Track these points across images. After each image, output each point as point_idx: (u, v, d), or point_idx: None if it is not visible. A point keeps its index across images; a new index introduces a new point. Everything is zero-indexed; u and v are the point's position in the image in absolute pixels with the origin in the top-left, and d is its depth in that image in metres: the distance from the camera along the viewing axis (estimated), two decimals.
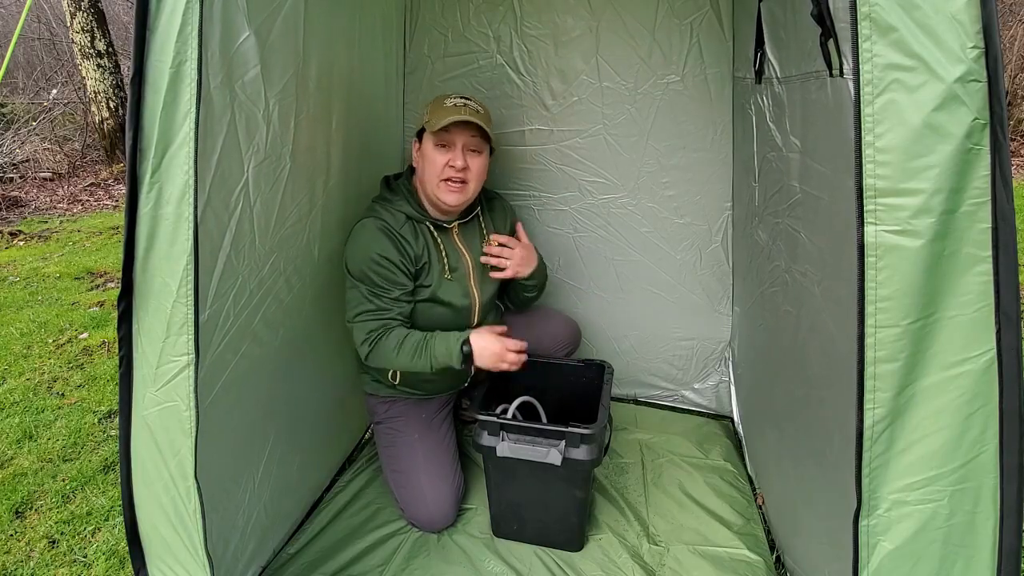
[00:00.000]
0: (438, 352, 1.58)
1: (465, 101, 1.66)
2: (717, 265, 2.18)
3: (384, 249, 1.60)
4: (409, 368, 1.61)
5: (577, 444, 1.52)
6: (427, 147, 1.65)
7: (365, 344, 1.61)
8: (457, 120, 1.58)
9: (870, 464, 0.99)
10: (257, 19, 1.21)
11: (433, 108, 1.67)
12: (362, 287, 1.61)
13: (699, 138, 2.08)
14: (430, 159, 1.65)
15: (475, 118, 1.60)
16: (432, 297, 1.69)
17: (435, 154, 1.64)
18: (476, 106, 1.67)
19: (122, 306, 1.13)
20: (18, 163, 6.63)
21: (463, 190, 1.66)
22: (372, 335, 1.61)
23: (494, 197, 1.93)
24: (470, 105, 1.65)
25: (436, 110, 1.65)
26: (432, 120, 1.63)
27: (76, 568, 1.68)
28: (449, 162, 1.63)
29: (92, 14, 6.49)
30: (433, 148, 1.64)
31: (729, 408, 2.25)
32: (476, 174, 1.67)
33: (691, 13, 2.00)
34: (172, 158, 1.06)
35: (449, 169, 1.63)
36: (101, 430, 2.32)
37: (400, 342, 1.60)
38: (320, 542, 1.69)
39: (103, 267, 4.21)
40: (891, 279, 0.92)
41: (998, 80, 0.83)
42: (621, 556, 1.65)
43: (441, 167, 1.63)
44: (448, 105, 1.64)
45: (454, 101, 1.65)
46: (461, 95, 1.69)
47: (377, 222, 1.64)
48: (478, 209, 1.82)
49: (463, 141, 1.64)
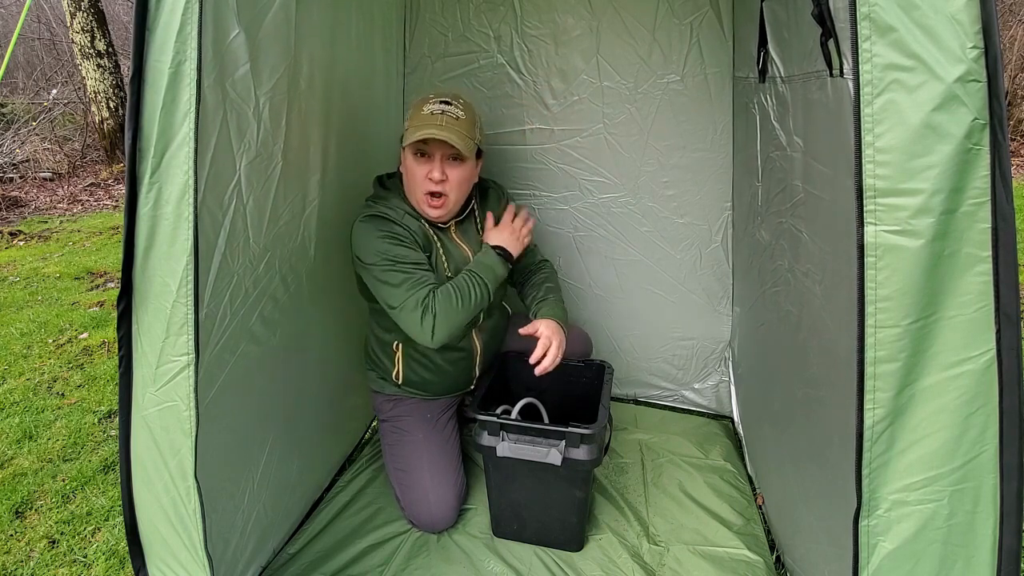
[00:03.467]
0: (484, 272, 1.61)
1: (444, 107, 1.56)
2: (717, 265, 2.18)
3: (393, 229, 1.58)
4: (475, 307, 1.58)
5: (577, 444, 1.52)
6: (407, 157, 1.59)
7: (426, 313, 1.51)
8: (428, 137, 1.52)
9: (870, 464, 0.99)
10: (246, 16, 1.21)
11: (413, 113, 1.59)
12: (390, 268, 1.54)
13: (699, 138, 2.08)
14: (410, 170, 1.59)
15: (450, 131, 1.52)
16: None
17: (414, 165, 1.58)
18: (457, 110, 1.57)
19: (122, 306, 1.13)
20: (18, 163, 6.64)
21: (444, 203, 1.61)
22: (427, 301, 1.52)
23: (489, 187, 1.86)
24: (449, 111, 1.55)
25: (415, 116, 1.57)
26: (410, 129, 1.56)
27: (76, 568, 1.68)
28: (428, 174, 1.57)
29: (92, 14, 6.49)
30: (412, 159, 1.58)
31: (729, 408, 2.25)
32: (456, 184, 1.60)
33: (691, 13, 2.00)
34: (171, 158, 1.06)
35: (428, 182, 1.57)
36: (101, 430, 2.32)
37: (452, 292, 1.55)
38: (320, 542, 1.69)
39: (103, 267, 4.21)
40: (891, 279, 0.92)
41: (998, 80, 0.83)
42: (621, 556, 1.65)
43: (420, 179, 1.58)
44: (425, 112, 1.55)
45: (432, 107, 1.56)
46: (442, 97, 1.59)
47: (377, 211, 1.61)
48: (472, 203, 1.79)
49: (442, 151, 1.57)
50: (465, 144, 1.55)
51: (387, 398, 1.84)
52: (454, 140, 1.52)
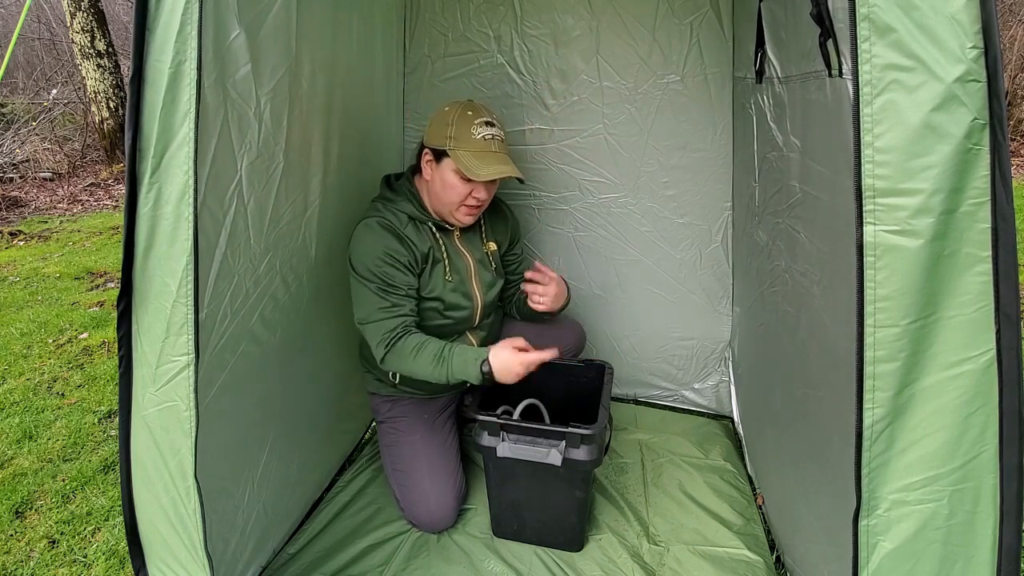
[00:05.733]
0: (456, 367, 1.53)
1: (493, 132, 1.59)
2: (717, 265, 2.18)
3: (391, 246, 1.59)
4: (425, 377, 1.57)
5: (577, 444, 1.52)
6: (446, 171, 1.59)
7: (381, 345, 1.57)
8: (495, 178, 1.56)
9: (870, 464, 0.99)
10: (247, 16, 1.21)
11: (459, 130, 1.56)
12: (372, 286, 1.57)
13: (699, 138, 2.08)
14: (450, 184, 1.59)
15: (509, 163, 1.59)
16: (434, 298, 1.68)
17: (457, 182, 1.59)
18: (500, 131, 1.61)
19: (122, 306, 1.13)
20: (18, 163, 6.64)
21: (478, 213, 1.69)
22: (389, 336, 1.56)
23: (496, 200, 1.89)
24: (498, 136, 1.59)
25: (465, 137, 1.56)
26: (459, 151, 1.55)
27: (76, 568, 1.68)
28: (473, 192, 1.60)
29: (92, 14, 6.50)
30: (454, 175, 1.58)
31: (729, 408, 2.25)
32: (492, 197, 1.69)
33: (691, 13, 2.00)
34: (171, 158, 1.06)
35: (472, 199, 1.62)
36: (101, 430, 2.32)
37: (418, 349, 1.55)
38: (320, 542, 1.69)
39: (103, 267, 4.21)
40: (890, 279, 0.92)
41: (998, 80, 0.83)
42: (621, 556, 1.65)
43: (463, 195, 1.60)
44: (477, 137, 1.56)
45: (483, 131, 1.57)
46: (485, 117, 1.59)
47: (381, 220, 1.62)
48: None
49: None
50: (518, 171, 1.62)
51: (384, 399, 1.85)
52: (513, 166, 1.60)
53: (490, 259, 1.82)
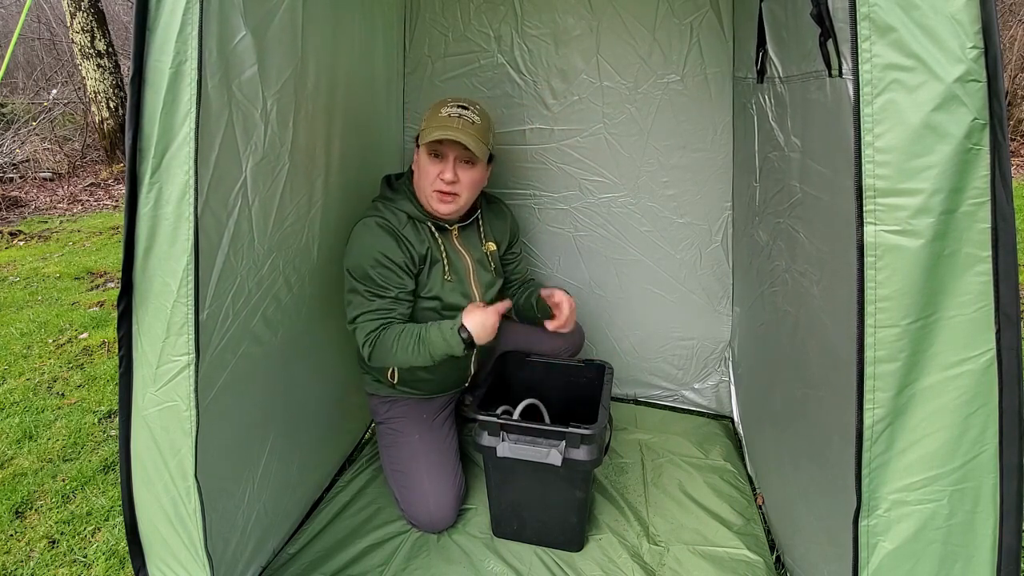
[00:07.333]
0: (435, 342, 1.56)
1: (461, 111, 1.61)
2: (717, 265, 2.18)
3: (387, 248, 1.59)
4: (410, 363, 1.59)
5: (577, 444, 1.52)
6: (422, 155, 1.63)
7: (366, 346, 1.59)
8: (444, 138, 1.56)
9: (870, 464, 0.99)
10: (254, 18, 1.21)
11: (430, 115, 1.64)
12: (362, 287, 1.59)
13: (699, 138, 2.08)
14: (423, 168, 1.62)
15: (466, 134, 1.56)
16: (433, 298, 1.69)
17: (428, 164, 1.61)
18: (473, 115, 1.62)
19: (122, 306, 1.13)
20: (18, 163, 6.64)
21: (454, 201, 1.64)
22: (372, 336, 1.59)
23: (495, 200, 1.92)
24: (465, 116, 1.60)
25: (432, 118, 1.62)
26: (426, 130, 1.60)
27: (76, 568, 1.68)
28: (440, 174, 1.61)
29: (92, 14, 6.49)
30: (426, 158, 1.62)
31: (729, 408, 2.25)
32: (467, 186, 1.64)
33: (691, 13, 2.00)
34: (172, 158, 1.06)
35: (439, 181, 1.61)
36: (101, 430, 2.32)
37: (396, 337, 1.58)
38: (320, 542, 1.69)
39: (103, 267, 4.21)
40: (891, 279, 0.92)
41: (998, 80, 0.83)
42: (621, 556, 1.65)
43: (432, 178, 1.62)
44: (443, 114, 1.60)
45: (449, 110, 1.61)
46: (459, 102, 1.64)
47: (379, 220, 1.63)
48: (478, 212, 1.82)
49: (455, 153, 1.60)
50: (478, 148, 1.60)
51: (382, 400, 1.85)
52: (468, 142, 1.57)
53: (489, 259, 1.82)
